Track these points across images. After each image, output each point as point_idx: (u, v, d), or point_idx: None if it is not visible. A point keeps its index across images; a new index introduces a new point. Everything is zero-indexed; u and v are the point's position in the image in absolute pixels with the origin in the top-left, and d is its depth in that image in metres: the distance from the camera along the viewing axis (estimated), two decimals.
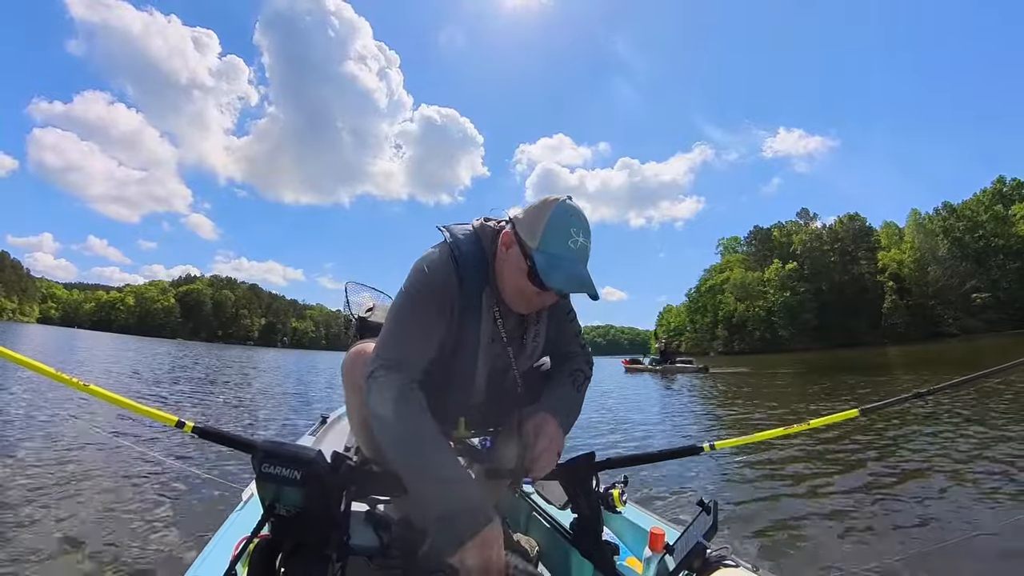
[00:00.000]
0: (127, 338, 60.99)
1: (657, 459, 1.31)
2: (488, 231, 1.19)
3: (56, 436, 4.22)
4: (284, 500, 0.96)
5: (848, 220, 66.76)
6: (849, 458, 4.40)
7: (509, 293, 1.14)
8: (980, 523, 2.73)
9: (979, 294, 49.46)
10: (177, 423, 1.14)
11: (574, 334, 1.34)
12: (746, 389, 12.62)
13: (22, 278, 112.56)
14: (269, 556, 0.97)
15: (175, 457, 3.74)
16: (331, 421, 2.78)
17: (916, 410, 6.32)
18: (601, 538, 1.21)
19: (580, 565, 1.30)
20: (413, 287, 1.12)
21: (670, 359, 24.87)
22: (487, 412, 1.33)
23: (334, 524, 1.01)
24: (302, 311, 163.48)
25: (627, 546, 1.42)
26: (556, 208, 1.07)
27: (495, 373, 1.24)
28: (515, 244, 1.09)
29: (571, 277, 1.05)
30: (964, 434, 5.07)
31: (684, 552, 1.08)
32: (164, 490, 3.04)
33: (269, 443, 0.98)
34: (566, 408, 1.22)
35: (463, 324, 1.15)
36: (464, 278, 1.13)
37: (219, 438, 1.10)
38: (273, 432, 5.76)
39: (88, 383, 1.11)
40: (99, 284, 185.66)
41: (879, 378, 13.42)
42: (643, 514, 1.54)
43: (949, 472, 3.77)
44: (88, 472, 3.32)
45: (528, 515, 1.70)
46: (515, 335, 1.23)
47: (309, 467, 0.94)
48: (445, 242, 1.17)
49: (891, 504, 3.17)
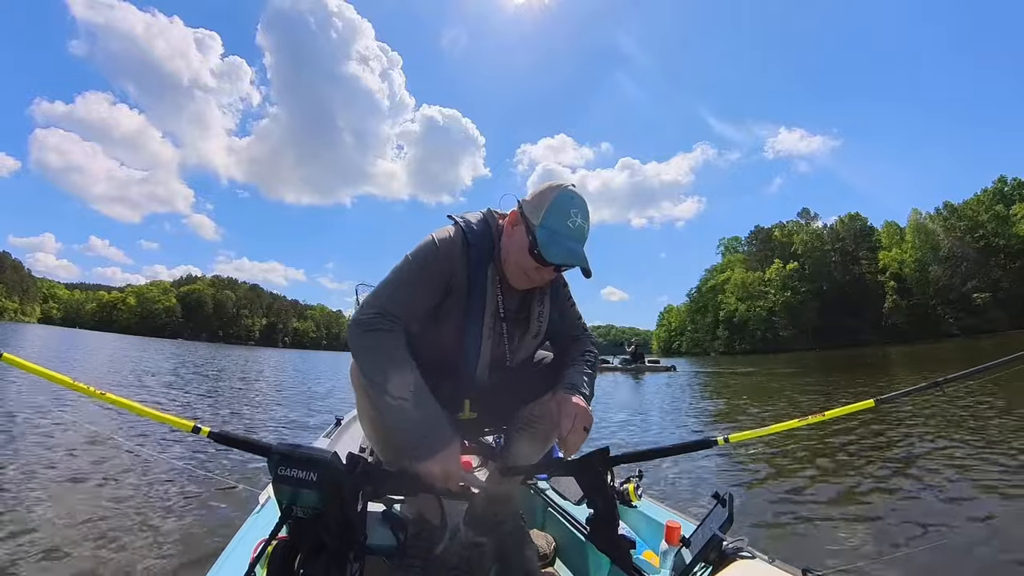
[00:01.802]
0: (129, 338, 61.04)
1: (671, 453, 1.31)
2: (496, 216, 1.31)
3: (72, 443, 4.24)
4: (301, 502, 0.97)
5: (849, 220, 66.73)
6: (865, 449, 4.39)
7: (511, 269, 1.23)
8: (997, 514, 2.73)
9: (980, 294, 49.38)
10: (193, 428, 1.14)
11: (576, 318, 1.43)
12: (749, 388, 12.62)
13: (23, 278, 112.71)
14: (288, 558, 0.98)
15: (192, 462, 3.75)
16: (345, 423, 2.79)
17: (932, 401, 6.30)
18: (617, 532, 1.21)
19: (597, 560, 1.31)
20: (418, 251, 1.22)
21: (640, 360, 26.46)
22: (491, 397, 1.36)
23: (351, 525, 1.01)
24: (303, 311, 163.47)
25: (643, 540, 1.43)
26: (560, 191, 1.19)
27: (498, 350, 1.30)
28: (521, 222, 1.20)
29: (567, 252, 1.15)
30: (981, 425, 5.05)
31: (700, 545, 1.09)
32: (182, 494, 3.05)
33: (285, 446, 0.99)
34: (586, 385, 1.27)
35: (469, 295, 1.23)
36: (472, 252, 1.23)
37: (235, 442, 1.10)
38: (287, 434, 5.79)
39: (104, 391, 1.11)
40: (100, 284, 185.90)
41: (881, 377, 13.40)
42: (659, 508, 1.55)
43: (966, 464, 3.75)
44: (105, 478, 3.34)
45: (544, 511, 1.72)
46: (520, 316, 1.32)
47: (325, 469, 0.95)
48: (457, 223, 1.27)
49: (908, 495, 3.15)
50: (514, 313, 1.32)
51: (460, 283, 1.23)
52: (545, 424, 1.36)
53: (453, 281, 1.23)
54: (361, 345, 1.14)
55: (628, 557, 1.20)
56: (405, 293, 1.18)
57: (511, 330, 1.31)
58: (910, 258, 56.42)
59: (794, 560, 1.06)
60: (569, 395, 1.21)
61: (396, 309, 1.16)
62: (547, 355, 1.50)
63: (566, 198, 1.17)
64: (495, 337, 1.28)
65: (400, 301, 1.18)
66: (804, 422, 1.38)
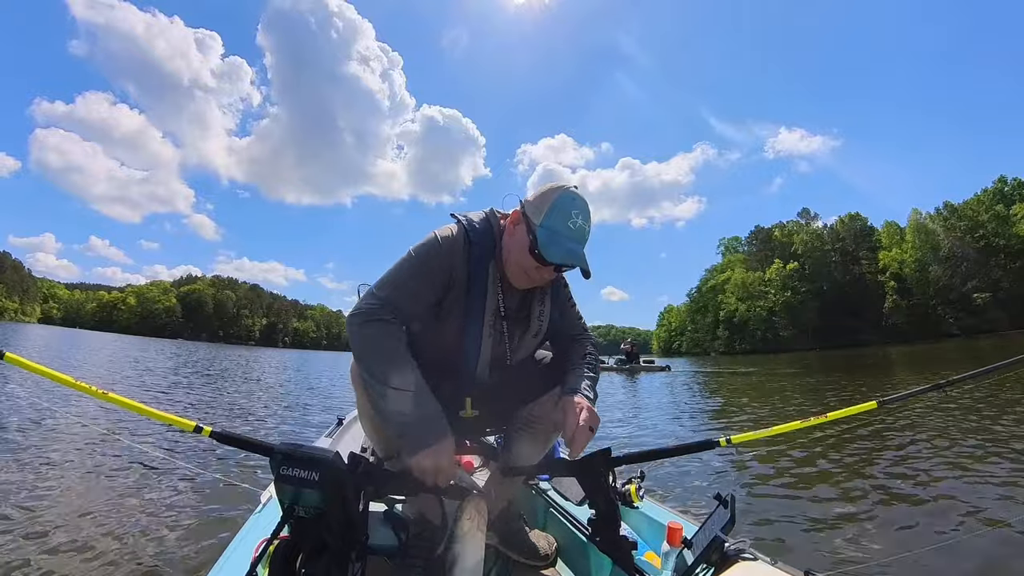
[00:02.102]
0: (130, 339, 60.97)
1: (673, 454, 1.30)
2: (497, 215, 1.33)
3: (73, 442, 4.24)
4: (303, 502, 0.97)
5: (849, 220, 66.68)
6: (867, 451, 4.38)
7: (512, 268, 1.25)
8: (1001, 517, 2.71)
9: (980, 294, 49.34)
10: (195, 428, 1.14)
11: (576, 318, 1.45)
12: (751, 388, 12.61)
13: (24, 278, 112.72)
14: (289, 557, 0.98)
15: (194, 462, 3.75)
16: (347, 422, 2.80)
17: (935, 403, 6.26)
18: (619, 533, 1.21)
19: (599, 560, 1.31)
20: (421, 247, 1.24)
21: (635, 360, 26.56)
22: (492, 396, 1.36)
23: (353, 524, 1.01)
24: (303, 311, 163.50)
25: (645, 541, 1.42)
26: (562, 192, 1.20)
27: (498, 348, 1.31)
28: (522, 222, 1.22)
29: (567, 252, 1.17)
30: (984, 426, 5.03)
31: (702, 546, 1.09)
32: (184, 494, 3.05)
33: (286, 446, 0.98)
34: (589, 386, 1.27)
35: (469, 293, 1.25)
36: (473, 250, 1.25)
37: (237, 442, 1.10)
38: (288, 432, 5.79)
39: (107, 391, 1.11)
40: (101, 284, 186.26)
41: (881, 378, 13.39)
42: (660, 509, 1.55)
43: (970, 465, 3.74)
44: (108, 477, 3.34)
45: (546, 512, 1.72)
46: (520, 314, 1.34)
47: (327, 468, 0.95)
48: (459, 221, 1.29)
49: (912, 496, 3.14)
50: (515, 312, 1.33)
51: (460, 279, 1.24)
52: (545, 424, 1.36)
53: (454, 276, 1.24)
54: (360, 334, 1.14)
55: (630, 558, 1.20)
56: (406, 286, 1.20)
57: (511, 328, 1.32)
58: (910, 258, 56.38)
59: (797, 562, 1.06)
60: (573, 397, 1.21)
61: (397, 301, 1.17)
62: (547, 355, 1.51)
63: (568, 199, 1.19)
64: (496, 335, 1.30)
65: (401, 293, 1.18)
66: (807, 423, 1.38)
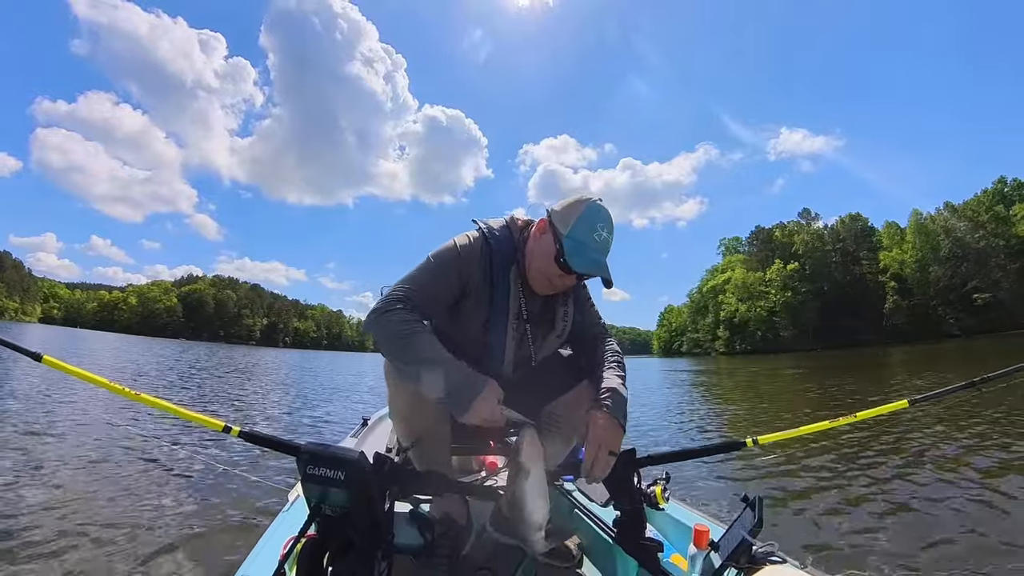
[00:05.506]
0: (131, 338, 61.01)
1: (699, 455, 1.31)
2: (517, 223, 1.37)
3: (103, 442, 4.28)
4: (329, 501, 0.98)
5: (850, 220, 66.69)
6: (899, 451, 4.29)
7: (534, 274, 1.29)
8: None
9: (980, 294, 49.32)
10: (224, 428, 1.16)
11: (597, 317, 1.48)
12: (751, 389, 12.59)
13: (24, 278, 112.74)
14: (316, 555, 0.99)
15: (222, 461, 3.78)
16: (372, 423, 2.82)
17: (969, 401, 6.05)
18: (645, 535, 1.21)
19: (625, 562, 1.30)
20: (439, 252, 1.29)
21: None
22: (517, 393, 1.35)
23: (378, 524, 1.02)
24: (304, 311, 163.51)
25: (671, 543, 1.41)
26: (589, 205, 1.24)
27: (522, 350, 1.35)
28: (549, 231, 1.26)
29: (591, 262, 1.22)
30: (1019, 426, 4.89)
31: (729, 549, 1.08)
32: (213, 492, 3.09)
33: (313, 445, 1.00)
34: (620, 400, 1.22)
35: (491, 298, 1.29)
36: (494, 256, 1.29)
37: (264, 442, 1.12)
38: (312, 431, 5.86)
39: (138, 392, 1.14)
40: (102, 284, 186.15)
41: (884, 377, 13.39)
42: (686, 511, 1.54)
43: (1006, 467, 3.64)
44: (138, 477, 3.37)
45: (571, 512, 1.71)
46: (545, 318, 1.38)
47: (352, 468, 0.96)
48: (480, 228, 1.33)
49: (945, 500, 3.03)
50: (538, 315, 1.36)
51: (477, 285, 1.28)
52: (568, 424, 1.37)
53: (471, 283, 1.28)
54: (380, 323, 1.17)
55: (656, 560, 1.19)
56: (423, 287, 1.24)
57: (535, 331, 1.36)
58: (911, 258, 56.39)
59: (825, 566, 1.04)
60: (599, 414, 1.18)
61: (415, 299, 1.21)
62: (568, 352, 1.51)
63: (594, 211, 1.23)
64: (519, 338, 1.33)
65: (418, 292, 1.22)
66: (835, 423, 1.37)
